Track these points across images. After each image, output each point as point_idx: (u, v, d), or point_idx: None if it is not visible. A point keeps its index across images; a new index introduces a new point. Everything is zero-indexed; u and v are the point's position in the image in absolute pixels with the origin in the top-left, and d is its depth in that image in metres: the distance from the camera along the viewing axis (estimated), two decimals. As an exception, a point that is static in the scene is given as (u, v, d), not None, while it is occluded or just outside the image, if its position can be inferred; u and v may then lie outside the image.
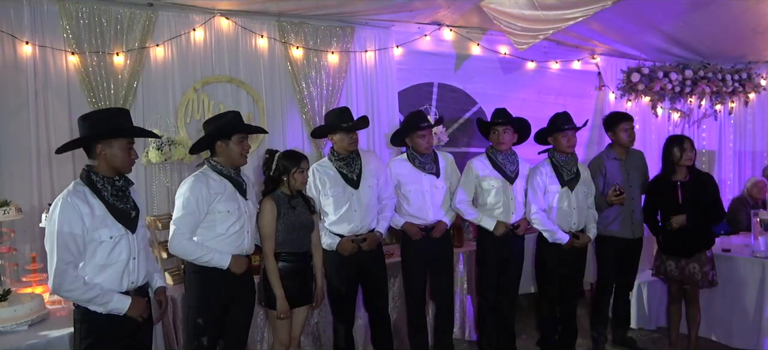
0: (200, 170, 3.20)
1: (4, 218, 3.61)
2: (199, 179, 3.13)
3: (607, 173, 4.34)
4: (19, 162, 4.05)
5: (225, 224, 3.14)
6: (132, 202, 2.76)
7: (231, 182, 3.20)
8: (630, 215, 4.32)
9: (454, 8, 5.13)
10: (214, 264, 3.10)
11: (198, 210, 3.07)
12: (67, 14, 4.09)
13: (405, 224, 4.10)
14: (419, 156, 4.11)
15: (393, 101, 5.38)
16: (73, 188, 2.60)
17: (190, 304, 3.19)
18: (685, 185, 4.13)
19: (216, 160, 3.21)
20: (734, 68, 6.98)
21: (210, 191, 3.10)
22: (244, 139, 3.24)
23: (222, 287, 3.15)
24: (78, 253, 2.54)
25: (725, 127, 7.28)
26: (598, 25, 5.46)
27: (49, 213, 2.58)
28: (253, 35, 4.79)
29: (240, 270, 3.19)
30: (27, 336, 2.91)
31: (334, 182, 3.83)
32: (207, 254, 3.09)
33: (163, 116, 4.42)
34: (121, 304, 2.63)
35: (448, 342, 4.34)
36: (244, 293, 3.31)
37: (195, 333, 3.14)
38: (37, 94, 4.07)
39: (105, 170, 2.65)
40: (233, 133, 3.18)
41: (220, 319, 3.19)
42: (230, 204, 3.15)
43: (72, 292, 2.54)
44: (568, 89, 6.37)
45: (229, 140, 3.18)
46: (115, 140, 2.65)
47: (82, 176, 2.65)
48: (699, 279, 4.14)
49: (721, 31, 5.79)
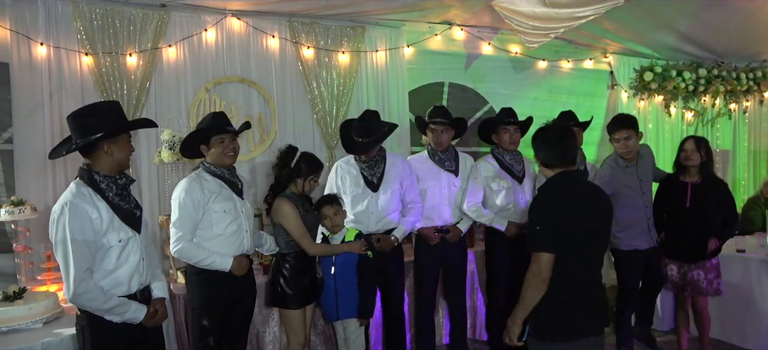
0: (194, 172, 3.22)
1: (19, 217, 3.66)
2: (192, 180, 3.15)
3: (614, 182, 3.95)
4: (34, 162, 4.09)
5: (222, 224, 3.14)
6: (134, 201, 2.70)
7: (224, 182, 3.21)
8: (647, 224, 4.04)
9: (465, 7, 5.11)
10: (216, 267, 3.11)
11: (195, 211, 3.07)
12: (80, 15, 4.13)
13: (420, 230, 4.09)
14: (439, 153, 4.10)
15: (403, 101, 5.38)
16: (77, 191, 2.48)
17: (194, 306, 3.20)
18: (696, 187, 4.00)
19: (208, 162, 3.23)
20: (749, 67, 6.91)
21: (204, 191, 3.11)
22: (226, 140, 3.19)
23: (224, 287, 3.16)
24: (92, 260, 2.47)
25: (740, 126, 7.20)
26: (610, 24, 5.42)
27: (55, 220, 2.45)
28: (264, 35, 4.80)
29: (242, 272, 3.20)
30: (42, 333, 2.94)
31: (355, 182, 3.86)
32: (209, 257, 3.10)
33: (176, 116, 4.45)
34: (138, 313, 2.60)
35: (462, 341, 4.34)
36: (245, 294, 3.33)
37: (201, 334, 3.15)
38: (51, 94, 4.12)
39: (107, 169, 2.57)
40: (211, 135, 3.16)
41: (224, 319, 3.21)
42: (226, 204, 3.16)
43: (92, 302, 2.47)
44: (580, 87, 6.34)
45: (208, 143, 3.18)
46: (121, 135, 2.59)
47: (83, 176, 2.54)
48: (703, 286, 3.99)
49: (736, 29, 5.73)
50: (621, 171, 3.98)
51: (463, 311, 4.37)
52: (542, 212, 2.61)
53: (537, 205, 2.67)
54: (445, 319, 4.62)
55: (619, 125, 3.99)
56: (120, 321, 2.55)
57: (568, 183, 2.70)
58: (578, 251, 2.59)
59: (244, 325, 3.40)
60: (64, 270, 2.45)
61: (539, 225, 2.57)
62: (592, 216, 2.67)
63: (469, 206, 4.11)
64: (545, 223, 2.56)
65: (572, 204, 2.63)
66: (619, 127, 3.98)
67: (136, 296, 2.65)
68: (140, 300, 2.66)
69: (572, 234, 2.55)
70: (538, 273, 2.53)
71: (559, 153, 2.68)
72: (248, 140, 4.77)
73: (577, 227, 2.58)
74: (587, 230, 2.63)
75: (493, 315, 4.32)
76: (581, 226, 2.60)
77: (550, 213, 2.58)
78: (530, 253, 2.57)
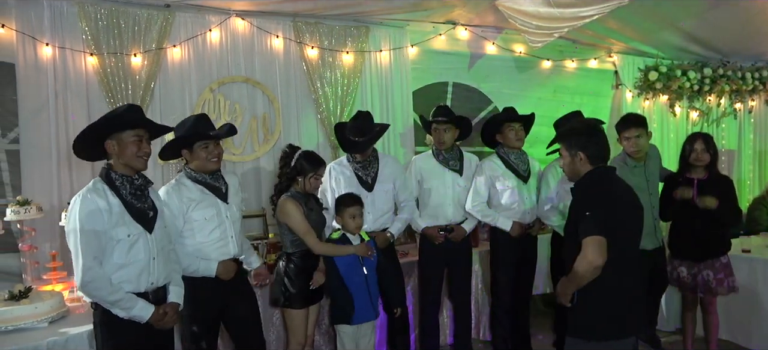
0: (175, 178, 3.17)
1: (25, 216, 3.68)
2: (171, 187, 3.09)
3: None
4: (40, 162, 4.10)
5: (204, 232, 3.10)
6: (150, 202, 2.73)
7: (207, 187, 3.14)
8: (653, 224, 3.99)
9: (469, 7, 5.11)
10: (202, 273, 3.09)
11: (173, 220, 3.01)
12: (86, 16, 4.14)
13: (424, 229, 4.09)
14: (443, 152, 4.11)
15: (407, 101, 5.38)
16: (93, 186, 2.59)
17: (184, 312, 3.11)
18: (703, 183, 3.97)
19: (190, 167, 3.15)
20: (754, 66, 6.88)
21: (182, 199, 3.06)
22: (210, 145, 3.10)
23: (212, 294, 3.13)
24: (101, 250, 2.53)
25: (745, 126, 7.17)
26: (615, 23, 5.41)
27: (69, 211, 2.57)
28: (268, 35, 4.81)
29: (229, 275, 3.16)
30: (47, 333, 2.94)
31: (349, 183, 3.87)
32: (193, 264, 3.08)
33: (180, 116, 4.42)
34: (143, 312, 2.61)
35: (467, 341, 4.34)
36: (240, 297, 3.28)
37: (192, 339, 3.14)
38: (57, 94, 4.13)
39: (122, 169, 2.63)
40: (193, 141, 3.08)
41: (215, 324, 3.21)
42: (207, 211, 3.11)
43: (99, 291, 2.52)
44: (585, 87, 6.32)
45: (191, 148, 3.11)
46: (122, 132, 2.59)
47: (101, 174, 2.65)
48: (713, 286, 3.96)
49: (741, 28, 5.71)
50: (629, 171, 3.93)
51: (467, 310, 4.37)
52: (591, 200, 2.62)
53: (582, 193, 2.69)
54: (449, 319, 4.62)
55: (629, 124, 3.97)
56: (126, 316, 2.58)
57: (611, 179, 2.77)
58: (625, 246, 2.61)
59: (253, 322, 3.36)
60: (74, 259, 2.52)
61: (589, 211, 2.55)
62: (632, 213, 2.70)
63: (474, 206, 4.11)
64: (594, 209, 2.55)
65: (617, 198, 2.67)
66: (630, 125, 3.95)
67: (147, 296, 2.66)
68: (152, 301, 2.67)
69: (620, 225, 2.57)
70: (593, 259, 2.49)
71: (607, 151, 2.81)
72: (253, 140, 4.78)
73: (623, 220, 2.61)
74: (631, 227, 2.66)
75: (497, 315, 4.31)
76: (626, 220, 2.63)
77: (599, 201, 2.60)
78: (580, 241, 2.53)
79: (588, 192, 2.69)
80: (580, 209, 2.62)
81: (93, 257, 2.49)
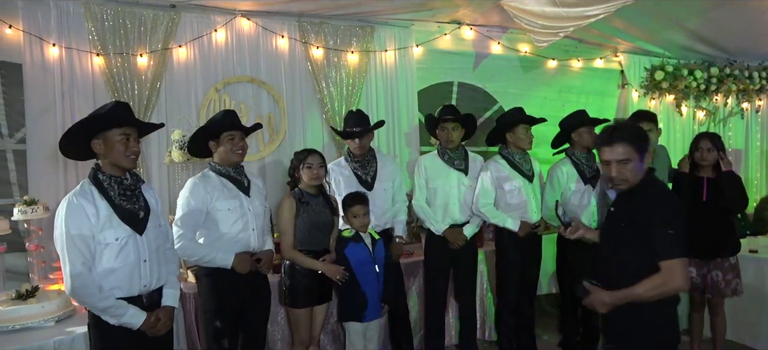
0: (202, 172, 3.25)
1: (32, 216, 3.70)
2: (198, 178, 3.19)
3: None
4: (46, 162, 4.12)
5: (227, 222, 3.15)
6: (142, 202, 2.62)
7: (230, 180, 3.22)
8: None
9: (474, 6, 5.10)
10: (218, 263, 3.10)
11: (197, 209, 3.09)
12: (92, 16, 4.16)
13: (446, 231, 4.08)
14: (449, 151, 4.11)
15: (413, 101, 5.38)
16: (80, 189, 2.50)
17: (206, 309, 3.21)
18: (711, 181, 3.97)
19: (214, 161, 3.26)
20: (761, 65, 6.84)
21: (207, 189, 3.13)
22: (236, 137, 3.21)
23: (234, 288, 3.15)
24: (90, 255, 2.43)
25: (752, 126, 7.13)
26: (621, 22, 5.39)
27: (56, 215, 2.47)
28: (273, 35, 4.82)
29: (244, 269, 3.15)
30: (53, 332, 2.97)
31: (349, 183, 3.88)
32: (209, 253, 3.10)
33: (186, 117, 4.47)
34: (134, 319, 2.51)
35: (472, 341, 4.33)
36: (258, 295, 3.30)
37: (214, 336, 3.16)
38: (63, 95, 4.15)
39: (110, 169, 2.53)
40: (221, 131, 3.19)
41: (236, 319, 3.21)
42: (231, 202, 3.16)
43: (89, 298, 2.44)
44: (590, 87, 6.30)
45: (218, 139, 3.20)
46: (108, 131, 2.49)
47: (90, 175, 2.55)
48: (722, 287, 3.95)
49: (747, 27, 5.67)
50: None
51: (472, 311, 4.36)
52: (668, 214, 2.34)
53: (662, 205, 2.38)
54: (454, 319, 4.61)
55: (640, 119, 3.98)
56: (117, 323, 2.49)
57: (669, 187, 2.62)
58: None
59: (262, 326, 3.38)
60: (63, 265, 2.45)
61: (672, 229, 2.29)
62: None
63: (482, 205, 4.10)
64: (677, 228, 2.30)
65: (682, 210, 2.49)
66: (641, 120, 3.94)
67: (140, 300, 2.57)
68: (146, 305, 2.59)
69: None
70: (682, 283, 2.28)
71: None
72: (258, 140, 4.79)
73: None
74: None
75: (503, 315, 4.30)
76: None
77: (678, 217, 2.36)
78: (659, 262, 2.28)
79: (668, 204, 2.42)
80: (652, 220, 2.34)
81: (81, 263, 2.40)
